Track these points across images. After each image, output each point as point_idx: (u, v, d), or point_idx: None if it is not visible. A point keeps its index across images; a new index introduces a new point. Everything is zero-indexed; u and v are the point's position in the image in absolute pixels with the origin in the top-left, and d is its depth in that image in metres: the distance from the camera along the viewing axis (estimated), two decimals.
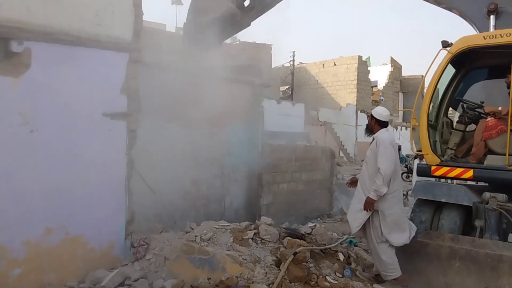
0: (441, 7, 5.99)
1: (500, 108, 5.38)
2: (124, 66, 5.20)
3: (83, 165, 4.90)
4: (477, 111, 5.75)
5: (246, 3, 7.78)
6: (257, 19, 8.13)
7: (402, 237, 4.63)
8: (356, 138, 21.75)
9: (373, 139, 4.79)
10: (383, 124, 4.82)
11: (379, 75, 29.40)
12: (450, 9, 5.92)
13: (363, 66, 26.09)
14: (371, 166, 4.65)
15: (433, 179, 5.96)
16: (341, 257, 5.29)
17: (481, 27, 5.54)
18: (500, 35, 5.13)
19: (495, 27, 5.41)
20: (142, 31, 5.46)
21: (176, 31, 21.19)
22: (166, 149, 6.84)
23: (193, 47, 7.43)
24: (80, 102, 4.87)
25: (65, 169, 4.78)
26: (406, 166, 14.79)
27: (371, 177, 4.61)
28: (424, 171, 5.69)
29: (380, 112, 4.85)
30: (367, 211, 4.59)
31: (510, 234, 5.03)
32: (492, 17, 5.42)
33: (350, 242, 6.01)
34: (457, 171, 5.36)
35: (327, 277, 4.64)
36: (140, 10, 5.37)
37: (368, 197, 4.56)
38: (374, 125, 4.81)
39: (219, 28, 7.61)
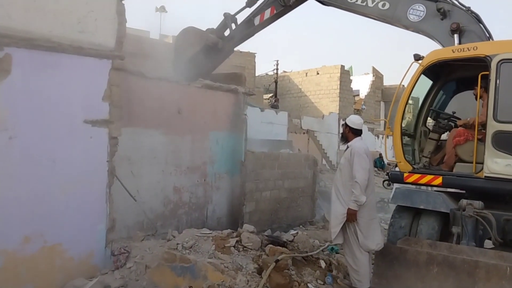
0: (409, 30, 6.30)
1: (468, 119, 5.65)
2: (106, 73, 5.18)
3: (63, 173, 4.84)
4: (452, 120, 5.96)
5: (226, 33, 8.11)
6: None
7: (375, 244, 4.70)
8: (339, 146, 21.90)
9: (347, 147, 4.87)
10: (357, 132, 4.88)
11: (361, 85, 29.81)
12: (418, 32, 6.20)
13: (345, 75, 26.41)
14: (345, 174, 4.72)
15: (413, 186, 6.10)
16: (323, 264, 5.33)
17: (447, 45, 5.79)
18: (468, 48, 5.36)
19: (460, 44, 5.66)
20: (125, 39, 5.46)
21: (160, 38, 21.15)
22: (148, 157, 6.82)
23: (186, 80, 7.70)
24: (61, 109, 4.83)
25: (45, 176, 4.72)
26: (387, 174, 14.93)
27: (345, 185, 4.69)
28: (396, 178, 5.86)
29: (353, 121, 4.91)
30: (351, 222, 4.65)
31: (486, 240, 5.16)
32: (456, 35, 5.68)
33: (332, 249, 6.06)
34: (427, 178, 5.55)
35: (308, 284, 4.67)
36: (123, 17, 5.37)
37: (349, 209, 4.61)
38: (349, 133, 4.88)
39: (204, 58, 7.89)
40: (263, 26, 7.78)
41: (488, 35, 5.69)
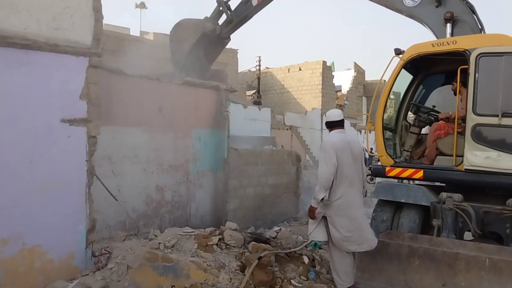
0: (403, 14, 6.27)
1: (450, 113, 5.68)
2: (84, 71, 5.08)
3: (41, 173, 4.74)
4: (432, 114, 6.03)
5: (220, 22, 8.14)
6: None
7: (355, 245, 4.44)
8: (322, 141, 22.13)
9: None
10: (332, 125, 4.62)
11: (343, 80, 29.97)
12: (411, 17, 6.19)
13: (327, 71, 26.51)
14: None
15: (395, 180, 6.16)
16: (306, 260, 5.34)
17: (439, 34, 5.81)
18: (447, 42, 5.41)
19: (452, 34, 5.69)
20: (102, 36, 5.36)
21: (141, 35, 20.88)
22: (129, 156, 6.73)
23: (186, 74, 7.69)
24: (37, 108, 4.72)
25: (22, 177, 4.62)
26: (370, 169, 15.03)
27: None
28: (379, 172, 5.90)
29: (328, 115, 4.72)
30: (311, 218, 4.50)
31: (466, 232, 5.25)
32: (448, 25, 5.69)
33: (315, 245, 6.07)
34: (409, 172, 5.60)
35: (291, 281, 4.66)
36: (100, 14, 5.26)
37: (310, 205, 4.46)
38: (328, 128, 4.70)
39: (203, 48, 7.78)
40: (261, 6, 7.76)
41: (480, 27, 5.69)
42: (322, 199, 4.33)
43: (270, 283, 4.40)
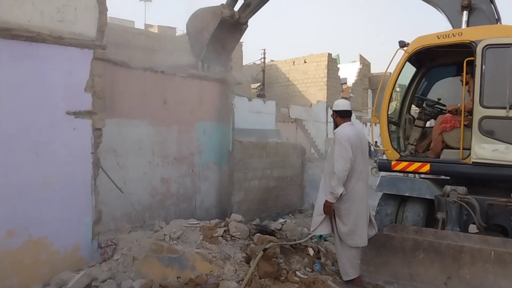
0: None
1: (458, 105, 5.62)
2: (88, 63, 5.08)
3: (46, 165, 4.78)
4: (437, 108, 5.97)
5: (237, 8, 8.06)
6: None
7: (360, 239, 4.41)
8: (327, 134, 22.05)
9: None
10: (344, 115, 4.53)
11: (348, 73, 29.81)
12: (428, 2, 6.09)
13: (332, 63, 26.36)
14: (330, 163, 4.43)
15: (400, 174, 6.13)
16: (311, 251, 5.34)
17: (455, 22, 5.70)
18: (453, 34, 5.34)
19: (468, 23, 5.57)
20: (106, 28, 5.35)
21: (145, 28, 20.86)
22: (134, 148, 6.75)
23: (208, 66, 7.71)
24: (42, 100, 4.74)
25: (27, 169, 4.65)
26: (375, 162, 14.98)
27: (331, 175, 4.36)
28: (384, 166, 5.86)
29: (337, 103, 4.62)
30: (327, 214, 4.42)
31: (471, 225, 5.23)
32: (465, 12, 5.57)
33: (320, 236, 6.08)
34: (415, 166, 5.54)
35: (297, 272, 4.67)
36: (104, 6, 5.26)
37: (326, 200, 4.36)
38: (337, 118, 4.59)
39: (222, 36, 7.82)
40: None
41: (497, 17, 5.58)
42: (341, 194, 4.28)
43: (275, 274, 4.40)
